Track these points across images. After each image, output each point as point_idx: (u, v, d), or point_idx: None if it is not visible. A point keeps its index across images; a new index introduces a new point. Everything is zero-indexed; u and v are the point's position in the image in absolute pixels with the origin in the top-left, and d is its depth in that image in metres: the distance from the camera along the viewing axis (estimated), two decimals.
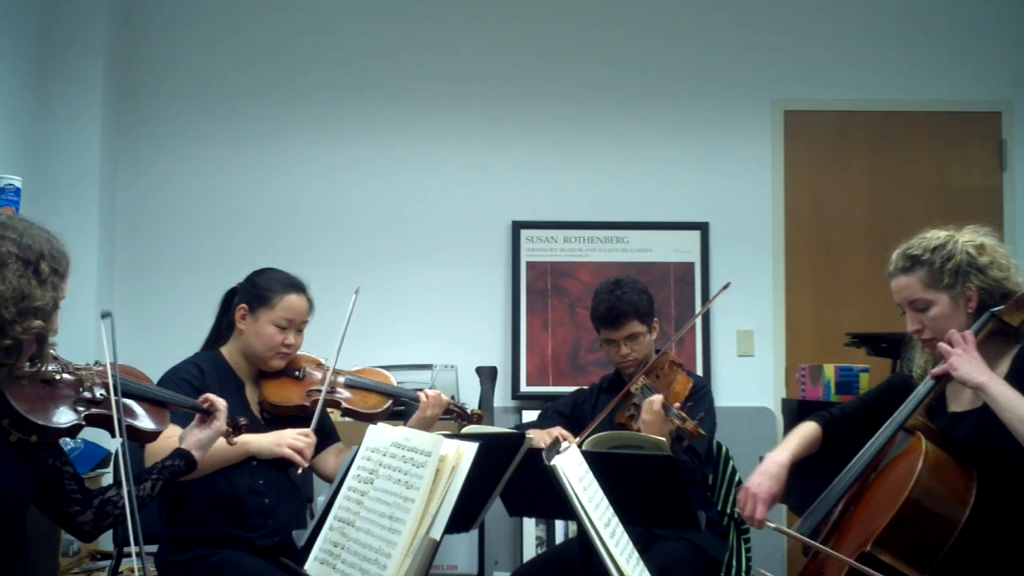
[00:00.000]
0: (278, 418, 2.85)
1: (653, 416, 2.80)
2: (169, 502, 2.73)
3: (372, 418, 2.97)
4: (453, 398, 3.10)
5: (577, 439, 2.75)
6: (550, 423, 3.21)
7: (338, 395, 2.93)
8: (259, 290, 2.84)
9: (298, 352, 2.92)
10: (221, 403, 2.32)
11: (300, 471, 2.71)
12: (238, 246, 4.49)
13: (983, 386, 2.13)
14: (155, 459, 2.27)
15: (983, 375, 2.14)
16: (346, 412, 2.96)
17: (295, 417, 2.82)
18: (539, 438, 2.93)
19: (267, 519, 2.75)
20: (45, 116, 4.32)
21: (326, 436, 2.97)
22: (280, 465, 2.84)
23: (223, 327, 2.93)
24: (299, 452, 2.67)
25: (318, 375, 2.93)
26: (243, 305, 2.84)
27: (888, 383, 2.58)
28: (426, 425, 2.91)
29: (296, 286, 2.88)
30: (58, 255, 1.92)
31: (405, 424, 2.93)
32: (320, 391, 2.85)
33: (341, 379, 2.95)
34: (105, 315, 2.02)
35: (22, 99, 4.20)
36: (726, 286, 3.20)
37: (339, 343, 2.88)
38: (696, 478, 2.96)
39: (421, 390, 2.98)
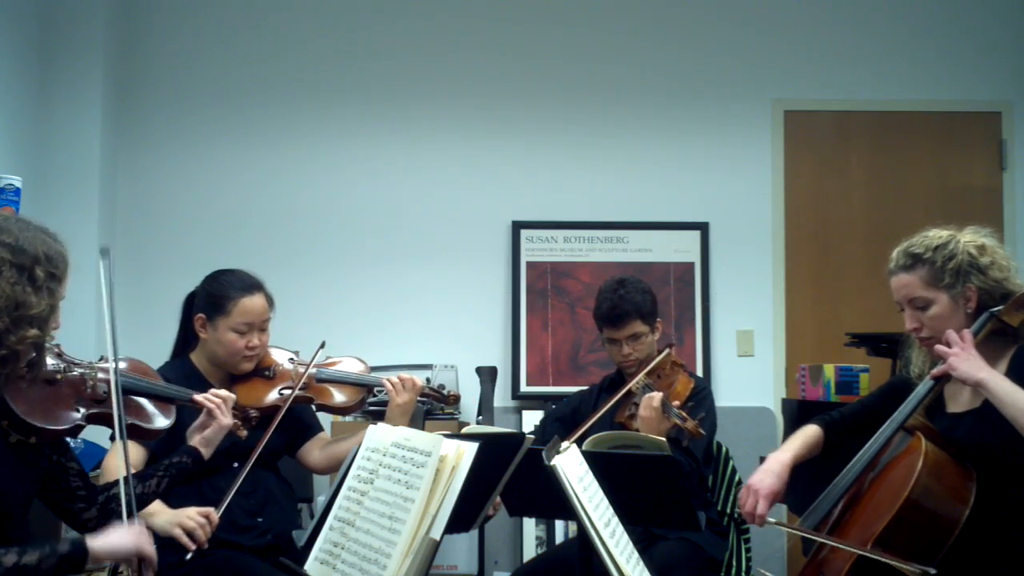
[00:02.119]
0: (260, 420, 2.81)
1: (651, 412, 2.79)
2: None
3: (346, 411, 2.96)
4: (428, 380, 3.06)
5: (575, 436, 2.75)
6: (550, 430, 3.21)
7: (311, 391, 2.88)
8: (213, 297, 2.79)
9: (268, 349, 2.88)
10: (215, 403, 2.28)
11: (189, 556, 2.44)
12: (238, 246, 4.49)
13: (983, 382, 2.13)
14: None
15: (982, 371, 2.15)
16: (320, 407, 2.94)
17: (271, 417, 2.77)
18: None
19: (256, 519, 2.73)
20: (45, 116, 4.32)
21: (308, 428, 2.97)
22: (266, 463, 2.82)
23: (188, 333, 2.88)
24: (190, 533, 2.42)
25: (289, 369, 2.90)
26: (200, 315, 2.80)
27: (888, 385, 2.59)
28: (403, 413, 2.85)
29: (250, 287, 2.80)
30: (55, 257, 1.88)
31: (384, 415, 2.89)
32: (292, 388, 2.81)
33: (312, 371, 2.89)
34: (104, 251, 2.00)
35: (22, 99, 4.20)
36: (670, 345, 3.19)
37: (303, 375, 2.83)
38: (693, 481, 2.95)
39: (387, 377, 2.90)
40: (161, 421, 2.20)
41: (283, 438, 2.86)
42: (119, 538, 1.87)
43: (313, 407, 2.97)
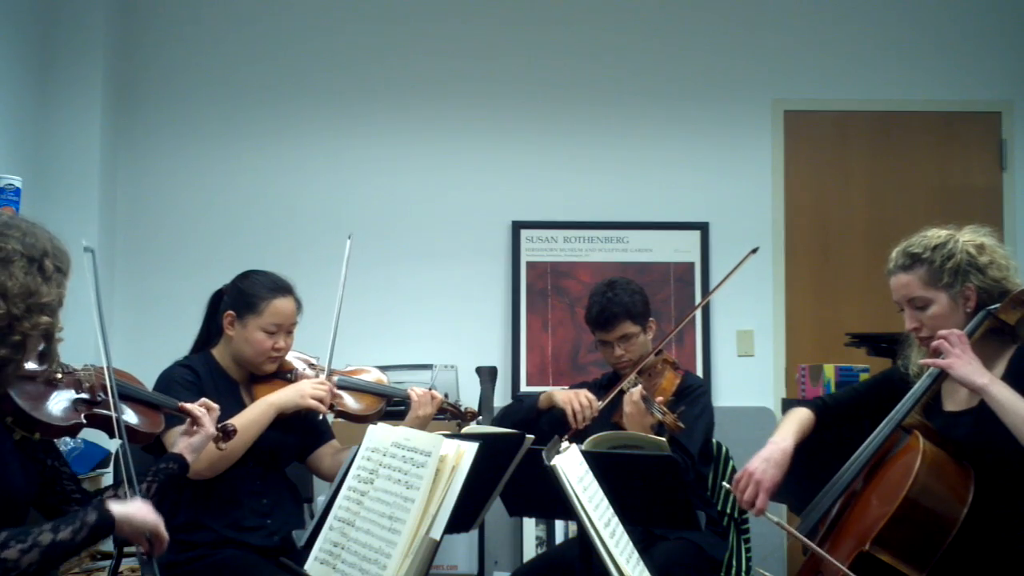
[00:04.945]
0: (273, 420, 2.83)
1: (632, 408, 2.82)
2: (164, 507, 2.71)
3: (365, 419, 2.96)
4: (447, 396, 3.08)
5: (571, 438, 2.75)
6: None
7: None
8: (245, 296, 2.80)
9: (290, 352, 2.90)
10: (200, 412, 2.29)
11: (322, 417, 2.86)
12: (238, 246, 4.50)
13: (984, 388, 2.13)
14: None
15: (984, 377, 2.15)
16: (339, 414, 2.95)
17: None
18: (566, 400, 2.99)
19: (265, 519, 2.74)
20: (45, 116, 4.32)
21: (321, 434, 2.97)
22: (277, 465, 2.83)
23: (212, 330, 2.89)
24: (320, 401, 2.77)
25: (311, 374, 2.92)
26: (230, 312, 2.80)
27: (883, 376, 2.58)
28: (421, 425, 2.89)
29: (282, 289, 2.83)
30: (60, 253, 1.94)
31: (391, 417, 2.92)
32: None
33: (334, 379, 2.92)
34: (87, 249, 2.04)
35: (22, 99, 4.20)
36: (754, 250, 3.20)
37: (335, 319, 2.89)
38: (687, 477, 2.94)
39: (411, 388, 2.96)
40: (152, 426, 2.24)
41: (296, 442, 2.87)
42: (141, 510, 1.91)
43: (332, 414, 2.98)
